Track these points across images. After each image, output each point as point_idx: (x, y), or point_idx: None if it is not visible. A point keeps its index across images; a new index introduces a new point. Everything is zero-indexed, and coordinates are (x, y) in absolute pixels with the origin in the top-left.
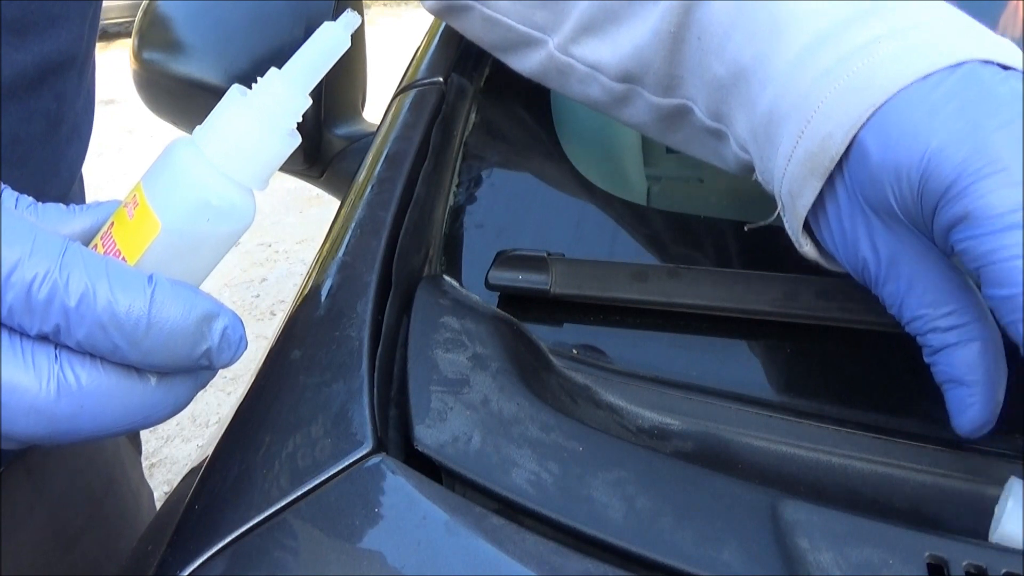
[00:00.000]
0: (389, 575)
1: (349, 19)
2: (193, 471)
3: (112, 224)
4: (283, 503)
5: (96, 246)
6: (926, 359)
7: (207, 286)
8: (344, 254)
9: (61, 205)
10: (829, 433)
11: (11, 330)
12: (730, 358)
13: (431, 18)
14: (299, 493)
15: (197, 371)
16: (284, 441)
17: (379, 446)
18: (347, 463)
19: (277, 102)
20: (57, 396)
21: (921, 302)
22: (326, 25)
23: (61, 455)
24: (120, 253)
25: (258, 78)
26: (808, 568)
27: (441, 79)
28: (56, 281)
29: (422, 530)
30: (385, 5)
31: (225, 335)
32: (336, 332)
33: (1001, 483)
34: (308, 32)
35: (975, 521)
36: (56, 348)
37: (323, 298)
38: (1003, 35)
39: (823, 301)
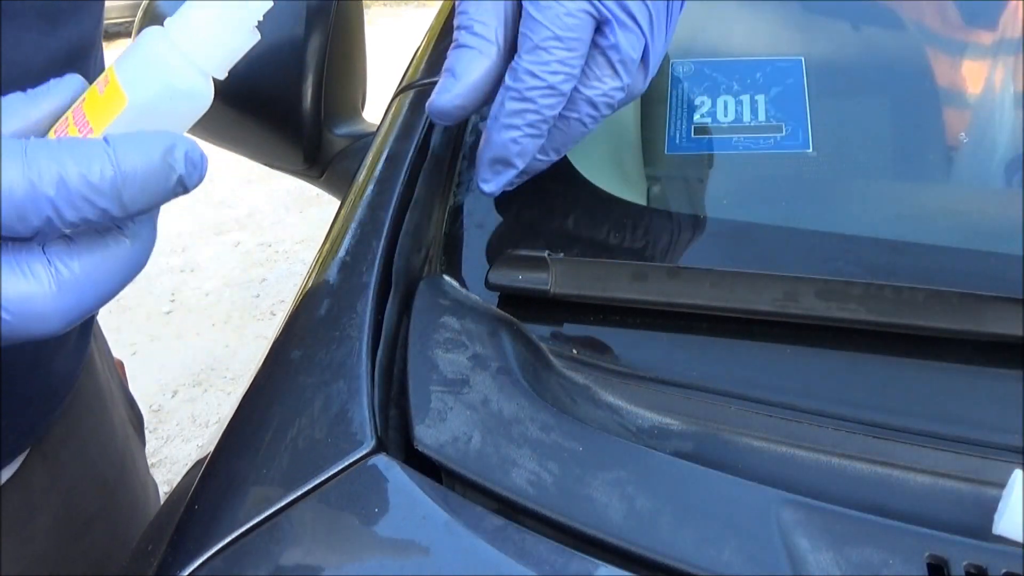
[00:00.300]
0: (389, 575)
1: None
2: (193, 471)
3: (84, 100)
4: (283, 503)
5: (67, 120)
6: (450, 50)
7: (210, 284)
8: (344, 254)
9: (20, 92)
10: (829, 433)
11: (6, 245)
12: (730, 358)
13: (431, 18)
14: (299, 493)
15: (156, 211)
16: (284, 441)
17: (379, 446)
18: (347, 463)
19: (243, 1)
20: (59, 292)
21: (473, 4)
22: None
23: (76, 444)
24: (88, 124)
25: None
26: (808, 568)
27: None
28: (31, 180)
29: (422, 530)
30: (385, 5)
31: (189, 158)
32: (336, 332)
33: (1001, 483)
34: (308, 32)
35: (975, 521)
36: (43, 249)
37: (323, 298)
38: (1003, 35)
39: (823, 301)
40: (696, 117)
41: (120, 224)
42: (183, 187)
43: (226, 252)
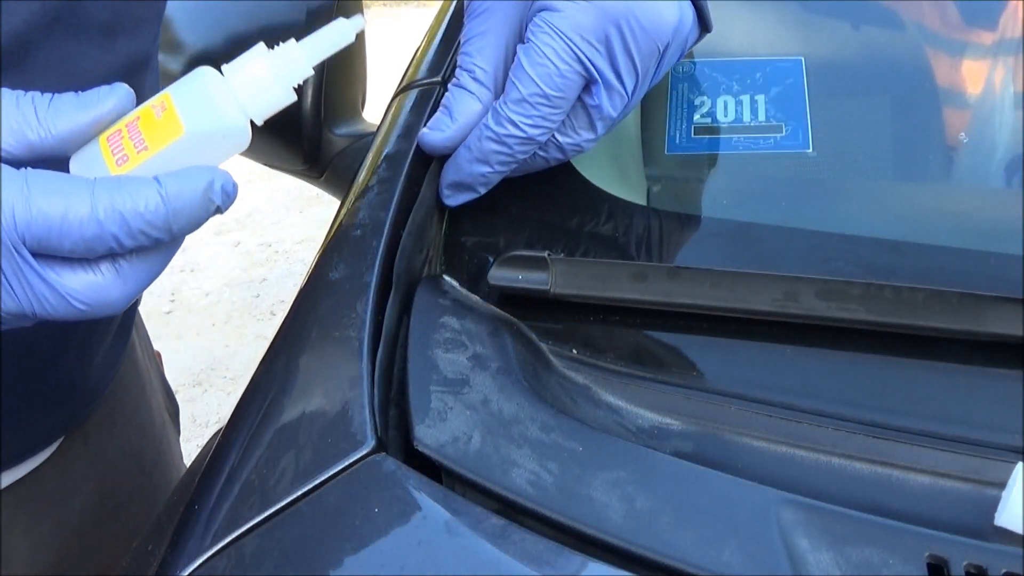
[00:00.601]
0: (389, 575)
1: (357, 21)
2: (193, 471)
3: (138, 118)
4: (283, 503)
5: (121, 133)
6: (449, 85)
7: (210, 284)
8: (344, 254)
9: (72, 94)
10: (829, 433)
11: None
12: (730, 358)
13: (431, 18)
14: (299, 493)
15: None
16: (284, 441)
17: (379, 446)
18: (347, 463)
19: (290, 64)
20: (121, 281)
21: (477, 47)
22: (339, 20)
23: (115, 427)
24: (144, 143)
25: (280, 42)
26: (808, 568)
27: (441, 79)
28: (98, 219)
29: (422, 530)
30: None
31: (224, 191)
32: (336, 332)
33: (1001, 483)
34: (308, 32)
35: (975, 521)
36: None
37: (323, 298)
38: (1003, 35)
39: (823, 301)
40: (696, 117)
41: None
42: (219, 212)
43: (226, 252)
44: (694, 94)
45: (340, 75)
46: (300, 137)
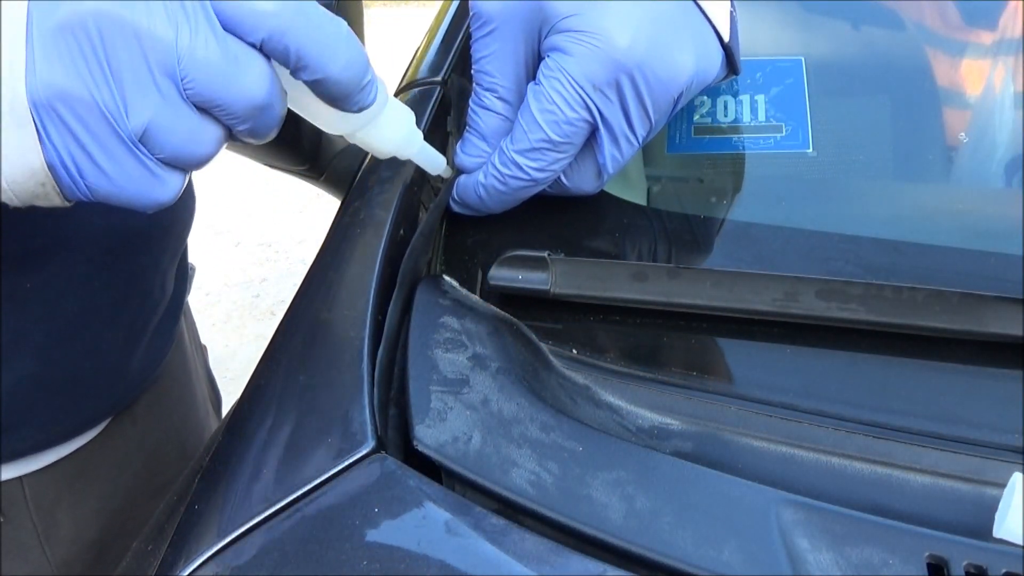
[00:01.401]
0: (389, 575)
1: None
2: (193, 471)
3: None
4: (283, 503)
5: None
6: (472, 104)
7: (210, 284)
8: (344, 254)
9: None
10: (829, 433)
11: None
12: (730, 358)
13: (431, 18)
14: (299, 493)
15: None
16: (284, 441)
17: (379, 446)
18: (347, 463)
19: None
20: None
21: (495, 65)
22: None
23: (161, 411)
24: None
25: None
26: (808, 568)
27: (441, 79)
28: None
29: (422, 530)
30: (385, 5)
31: (375, 77)
32: (336, 332)
33: (1001, 483)
34: None
35: (975, 521)
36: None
37: (323, 298)
38: (1003, 35)
39: (823, 301)
40: (696, 117)
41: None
42: (368, 93)
43: (226, 252)
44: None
45: None
46: (300, 137)
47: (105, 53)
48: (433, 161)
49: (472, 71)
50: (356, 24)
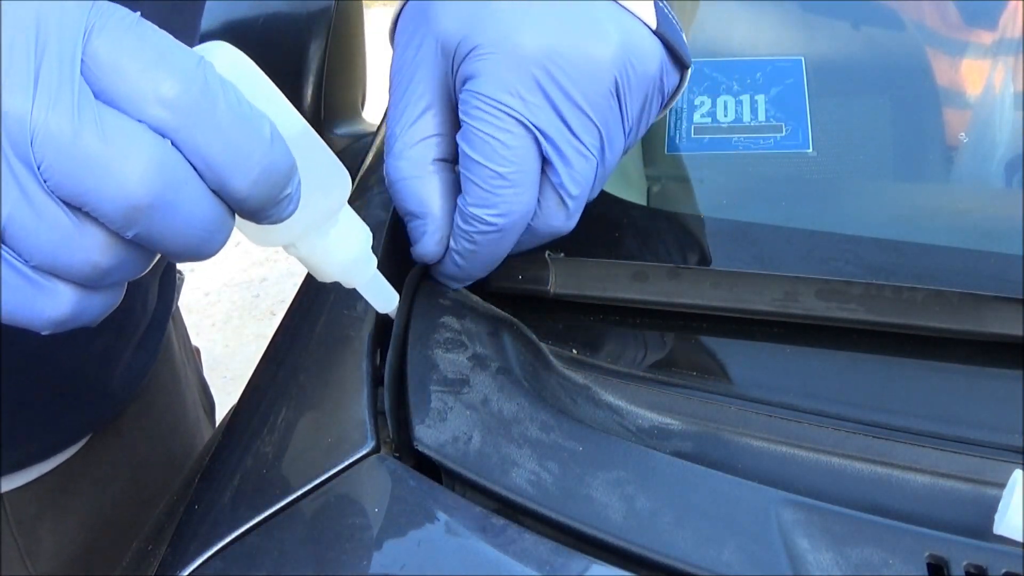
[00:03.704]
0: (389, 575)
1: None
2: (193, 471)
3: None
4: (283, 503)
5: None
6: (390, 188)
7: (210, 284)
8: None
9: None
10: (829, 433)
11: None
12: (730, 358)
13: None
14: (299, 493)
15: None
16: (284, 441)
17: (379, 446)
18: (347, 463)
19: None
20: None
21: (404, 124)
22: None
23: (148, 421)
24: None
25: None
26: (808, 568)
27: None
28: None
29: (422, 530)
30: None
31: (298, 188)
32: (336, 332)
33: (1001, 483)
34: (308, 33)
35: (975, 521)
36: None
37: (323, 298)
38: (1003, 35)
39: (823, 301)
40: (696, 117)
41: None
42: (285, 204)
43: (226, 252)
44: (694, 94)
45: (340, 75)
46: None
47: None
48: (384, 296)
49: (387, 137)
50: (356, 24)
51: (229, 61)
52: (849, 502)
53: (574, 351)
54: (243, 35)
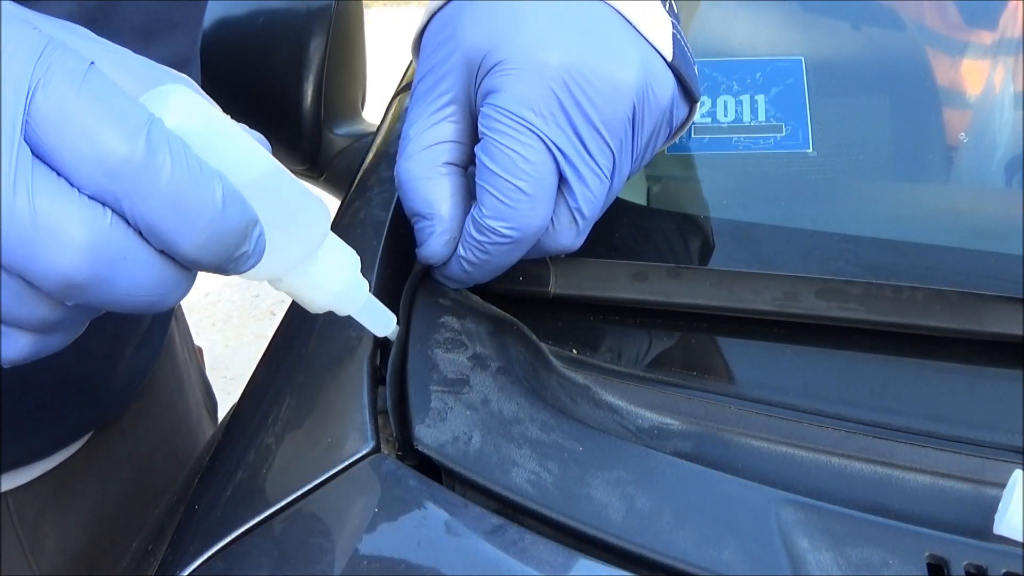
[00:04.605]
0: (389, 575)
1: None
2: (193, 471)
3: None
4: (283, 503)
5: None
6: (399, 191)
7: (210, 284)
8: None
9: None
10: (829, 433)
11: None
12: (730, 358)
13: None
14: (299, 493)
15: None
16: (284, 441)
17: (379, 446)
18: (347, 463)
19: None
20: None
21: (419, 127)
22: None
23: (151, 420)
24: None
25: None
26: (808, 568)
27: None
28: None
29: (422, 530)
30: (385, 5)
31: (260, 241)
32: (336, 332)
33: (1001, 483)
34: (308, 32)
35: (975, 521)
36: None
37: None
38: (1003, 35)
39: (823, 301)
40: (696, 117)
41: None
42: (243, 261)
43: None
44: None
45: (340, 75)
46: (300, 137)
47: None
48: (380, 320)
49: (401, 141)
50: (356, 24)
51: (184, 108)
52: (849, 502)
53: (574, 351)
54: (243, 34)
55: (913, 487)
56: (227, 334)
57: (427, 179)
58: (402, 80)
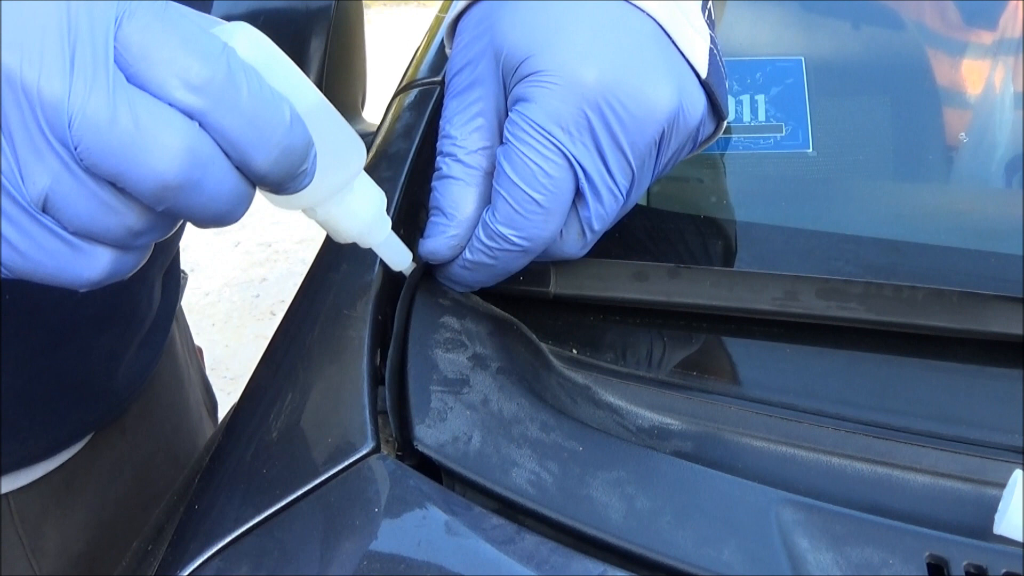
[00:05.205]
0: (389, 575)
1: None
2: (193, 471)
3: None
4: (283, 503)
5: None
6: (433, 179)
7: (210, 284)
8: (344, 254)
9: None
10: (829, 433)
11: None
12: (730, 358)
13: (431, 18)
14: (299, 493)
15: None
16: (284, 441)
17: (379, 446)
18: (347, 463)
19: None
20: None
21: (456, 126)
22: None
23: (152, 420)
24: None
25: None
26: (808, 568)
27: (441, 79)
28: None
29: (422, 530)
30: (385, 5)
31: (314, 162)
32: (336, 332)
33: (1001, 483)
34: (308, 32)
35: (975, 521)
36: None
37: (323, 298)
38: (1003, 35)
39: (823, 300)
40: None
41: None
42: (301, 177)
43: (226, 252)
44: None
45: (340, 74)
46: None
47: None
48: (399, 254)
49: (438, 145)
50: (356, 24)
51: (249, 43)
52: (849, 502)
53: (574, 351)
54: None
55: (913, 487)
56: (227, 334)
57: (462, 182)
58: (402, 80)
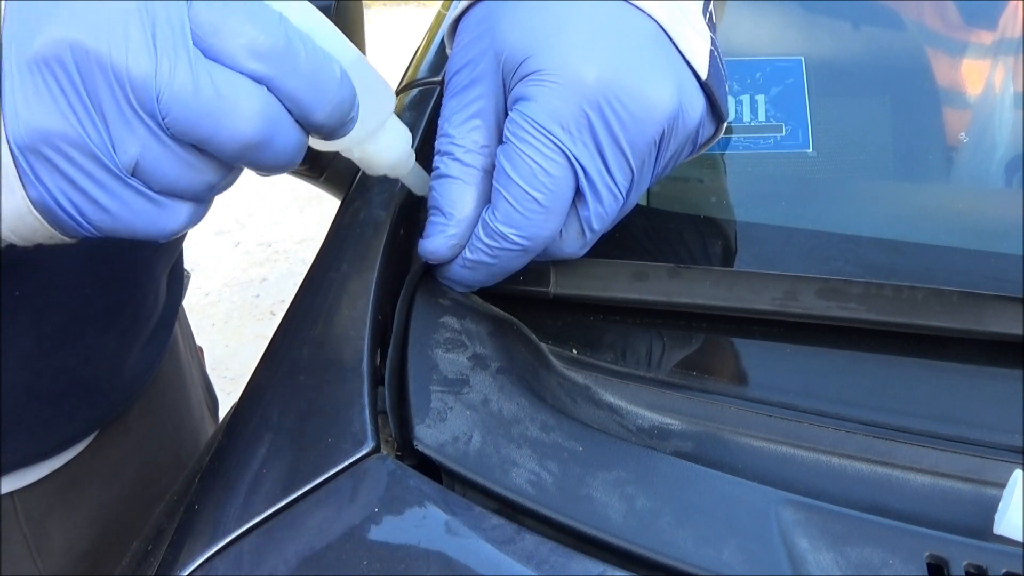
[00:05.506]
0: (389, 575)
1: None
2: (193, 471)
3: None
4: (283, 503)
5: None
6: (432, 181)
7: (210, 284)
8: (344, 254)
9: None
10: (829, 433)
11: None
12: (730, 358)
13: (431, 18)
14: (299, 493)
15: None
16: (284, 441)
17: (379, 446)
18: (347, 463)
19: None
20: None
21: (454, 124)
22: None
23: (154, 419)
24: None
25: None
26: (808, 568)
27: (441, 79)
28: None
29: (422, 530)
30: (385, 5)
31: (357, 109)
32: (336, 332)
33: (1001, 483)
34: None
35: (975, 521)
36: None
37: (323, 298)
38: (1003, 35)
39: (823, 300)
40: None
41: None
42: (350, 119)
43: (226, 252)
44: None
45: None
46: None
47: (85, 88)
48: (422, 181)
49: (436, 144)
50: (356, 24)
51: (297, 11)
52: (849, 502)
53: (574, 351)
54: None
55: (913, 487)
56: (227, 334)
57: (460, 181)
58: (402, 80)
